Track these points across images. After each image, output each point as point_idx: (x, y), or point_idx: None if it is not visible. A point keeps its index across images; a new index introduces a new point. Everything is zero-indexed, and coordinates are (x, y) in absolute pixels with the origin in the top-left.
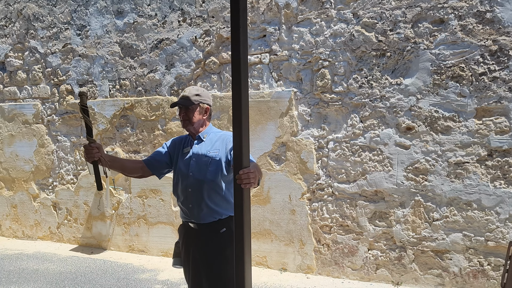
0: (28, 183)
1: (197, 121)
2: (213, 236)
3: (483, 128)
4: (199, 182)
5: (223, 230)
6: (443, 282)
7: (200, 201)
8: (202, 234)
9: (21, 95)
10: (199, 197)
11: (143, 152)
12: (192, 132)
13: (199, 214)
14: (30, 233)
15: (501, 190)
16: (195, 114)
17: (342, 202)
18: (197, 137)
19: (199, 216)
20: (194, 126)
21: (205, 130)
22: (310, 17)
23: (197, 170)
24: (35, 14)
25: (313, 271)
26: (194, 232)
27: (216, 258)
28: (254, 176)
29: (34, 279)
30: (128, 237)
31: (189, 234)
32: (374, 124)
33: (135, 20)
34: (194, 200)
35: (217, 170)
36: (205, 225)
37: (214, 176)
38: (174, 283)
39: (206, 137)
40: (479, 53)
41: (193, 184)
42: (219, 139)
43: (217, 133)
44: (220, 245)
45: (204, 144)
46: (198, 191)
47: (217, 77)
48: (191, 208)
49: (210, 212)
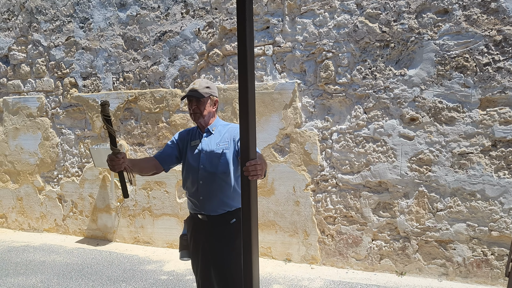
0: (33, 176)
1: (208, 114)
2: (223, 227)
3: (487, 118)
4: (211, 175)
5: (233, 221)
6: (447, 272)
7: (211, 193)
8: (212, 225)
9: (25, 88)
10: (211, 189)
11: (147, 144)
12: (201, 125)
13: (210, 206)
14: (36, 226)
15: (505, 181)
16: (206, 107)
17: (346, 193)
18: (206, 130)
19: (210, 208)
20: (205, 119)
21: (214, 122)
22: (314, 8)
23: (208, 163)
24: (38, 7)
25: (318, 262)
26: (203, 223)
27: (225, 249)
28: (261, 168)
29: (41, 270)
30: (133, 229)
31: (198, 225)
32: (378, 115)
33: (138, 12)
34: (205, 192)
35: (228, 163)
36: (215, 217)
37: (225, 168)
38: (180, 274)
39: (215, 130)
40: (484, 43)
41: (204, 176)
42: (227, 131)
43: (225, 126)
44: (230, 236)
45: (213, 137)
46: (209, 183)
47: (220, 69)
48: (202, 200)
49: (220, 204)
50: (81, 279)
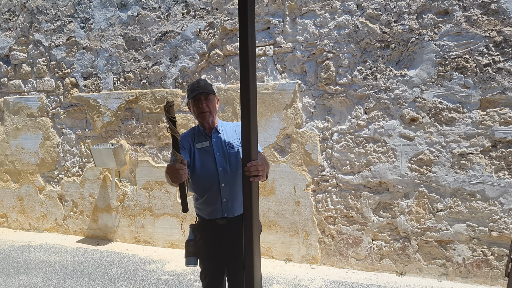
0: (34, 175)
1: (215, 112)
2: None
3: (487, 119)
4: (232, 175)
5: None
6: (447, 272)
7: (234, 194)
8: (233, 227)
9: (26, 88)
10: (233, 191)
11: (148, 144)
12: (209, 125)
13: (233, 207)
14: (37, 225)
15: (505, 181)
16: (214, 105)
17: (347, 193)
18: (214, 130)
19: (233, 210)
20: (213, 118)
21: (218, 122)
22: (314, 9)
23: (226, 164)
24: (39, 7)
25: (318, 262)
26: (221, 228)
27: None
28: (263, 169)
29: (42, 270)
30: (134, 228)
31: (215, 231)
32: (378, 116)
33: (139, 12)
34: (229, 194)
35: None
36: (235, 218)
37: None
38: (180, 274)
39: (222, 129)
40: (484, 44)
41: (226, 178)
42: (233, 130)
43: (227, 125)
44: None
45: (222, 136)
46: (232, 184)
47: (221, 69)
48: (225, 203)
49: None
50: (82, 278)
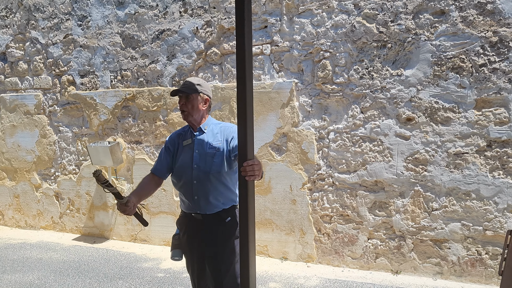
0: (30, 173)
1: (197, 112)
2: (219, 226)
3: (482, 119)
4: (205, 174)
5: (228, 219)
6: (442, 270)
7: (206, 192)
8: (207, 224)
9: (23, 85)
10: (205, 189)
11: (144, 142)
12: (193, 124)
13: (206, 205)
14: (33, 223)
15: (499, 180)
16: (194, 104)
17: (343, 192)
18: (198, 128)
19: (206, 207)
20: (195, 117)
21: (206, 121)
22: (311, 8)
23: (202, 162)
24: (36, 5)
25: (314, 260)
26: (198, 222)
27: (221, 247)
28: (259, 169)
29: (38, 267)
30: (130, 226)
31: (193, 225)
32: (374, 115)
33: (136, 10)
34: (200, 192)
35: (222, 162)
36: (210, 216)
37: (219, 168)
38: (177, 272)
39: (207, 129)
40: (480, 44)
41: (198, 176)
42: (220, 130)
43: (217, 125)
44: (226, 234)
45: (206, 136)
46: (204, 182)
47: (218, 68)
48: (197, 200)
49: (215, 203)
50: (78, 276)
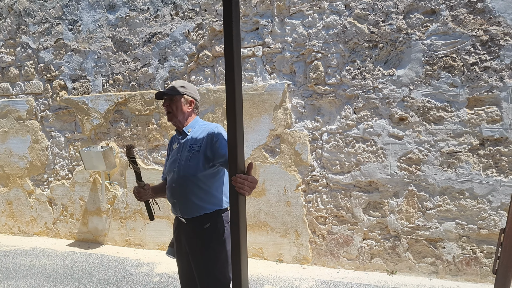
0: (23, 179)
1: (181, 113)
2: (199, 231)
3: (475, 117)
4: (182, 178)
5: (207, 226)
6: (437, 270)
7: (183, 196)
8: (190, 228)
9: (14, 91)
10: (183, 193)
11: (137, 146)
12: (178, 126)
13: (185, 209)
14: (26, 229)
15: (493, 179)
16: (178, 105)
17: (337, 193)
18: (182, 131)
19: (185, 211)
20: (179, 119)
21: (190, 123)
22: (303, 9)
23: (180, 165)
24: (26, 10)
25: (309, 262)
26: (183, 224)
27: (201, 252)
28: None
29: (31, 274)
30: (125, 231)
31: (181, 226)
32: (367, 115)
33: (127, 14)
34: (178, 196)
35: (197, 165)
36: (191, 220)
37: (195, 171)
38: (171, 276)
39: (191, 131)
40: (471, 43)
41: (176, 179)
42: (203, 131)
43: (201, 126)
44: (204, 240)
45: (188, 139)
46: (181, 186)
47: (210, 70)
48: (176, 203)
49: (194, 207)
50: (72, 282)
